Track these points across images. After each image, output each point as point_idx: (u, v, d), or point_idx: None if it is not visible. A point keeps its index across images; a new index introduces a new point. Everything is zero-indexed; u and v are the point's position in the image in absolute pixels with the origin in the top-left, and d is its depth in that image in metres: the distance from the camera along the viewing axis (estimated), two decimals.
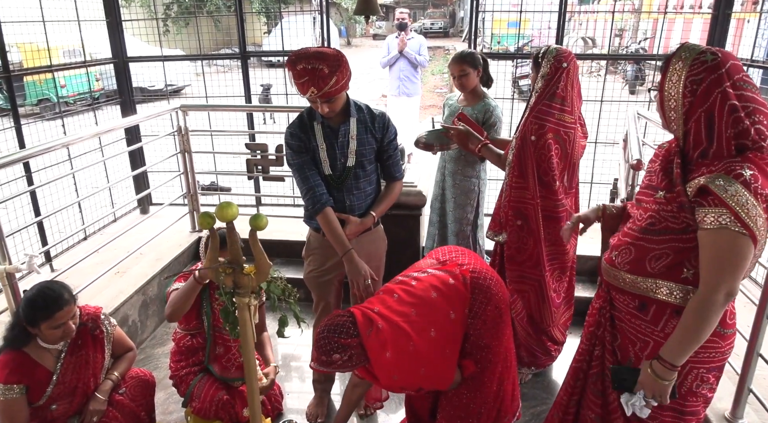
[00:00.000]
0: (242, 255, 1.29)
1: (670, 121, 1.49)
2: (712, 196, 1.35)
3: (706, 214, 1.37)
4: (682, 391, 1.58)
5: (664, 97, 1.47)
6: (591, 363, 1.79)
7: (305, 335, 2.78)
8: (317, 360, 1.78)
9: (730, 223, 1.33)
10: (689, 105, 1.43)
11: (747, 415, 2.18)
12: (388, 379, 1.81)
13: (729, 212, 1.33)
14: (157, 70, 4.59)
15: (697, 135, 1.43)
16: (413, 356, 1.80)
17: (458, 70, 2.98)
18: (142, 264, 3.43)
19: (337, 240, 2.16)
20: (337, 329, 1.75)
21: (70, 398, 2.07)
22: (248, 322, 1.33)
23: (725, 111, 1.38)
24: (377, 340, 1.76)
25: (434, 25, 30.25)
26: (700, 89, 1.40)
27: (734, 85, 1.38)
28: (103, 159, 3.78)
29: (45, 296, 1.90)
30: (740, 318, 2.37)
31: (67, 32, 3.95)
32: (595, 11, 11.49)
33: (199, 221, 1.25)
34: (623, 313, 1.65)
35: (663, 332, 1.55)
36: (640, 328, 1.61)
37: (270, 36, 8.52)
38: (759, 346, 2.07)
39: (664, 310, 1.54)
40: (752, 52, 3.67)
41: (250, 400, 1.46)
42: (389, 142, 2.28)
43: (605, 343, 1.72)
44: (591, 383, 1.79)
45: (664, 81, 1.46)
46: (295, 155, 2.18)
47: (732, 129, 1.38)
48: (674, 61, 1.44)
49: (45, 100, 7.71)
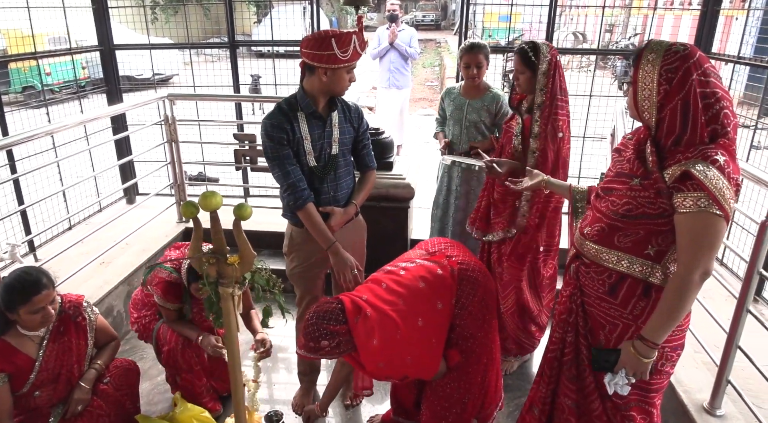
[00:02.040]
0: (226, 245, 1.29)
1: (642, 110, 1.55)
2: (693, 181, 1.42)
3: (684, 199, 1.43)
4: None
5: (638, 87, 1.52)
6: (564, 350, 1.84)
7: (290, 326, 2.78)
8: (305, 346, 1.78)
9: (708, 206, 1.40)
10: (665, 93, 1.48)
11: (725, 406, 2.22)
12: (374, 367, 1.82)
13: (708, 196, 1.40)
14: (144, 58, 4.54)
15: (672, 122, 1.48)
16: (400, 345, 1.81)
17: (476, 60, 2.93)
18: (127, 254, 3.40)
19: (321, 234, 2.16)
20: (326, 316, 1.76)
21: (53, 385, 2.06)
22: (232, 313, 1.32)
23: (699, 98, 1.45)
24: (365, 327, 1.77)
25: (426, 17, 30.11)
26: (676, 78, 1.45)
27: (704, 73, 1.45)
28: (89, 148, 3.74)
29: (22, 280, 1.89)
30: (720, 311, 2.43)
31: (54, 19, 3.89)
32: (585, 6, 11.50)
33: (183, 210, 1.25)
34: (593, 298, 1.72)
35: (631, 314, 1.64)
36: (609, 312, 1.68)
37: (260, 26, 8.43)
38: (738, 339, 2.10)
39: (633, 293, 1.62)
40: (739, 48, 3.70)
41: (233, 391, 1.46)
42: (363, 131, 2.32)
43: (578, 328, 1.78)
44: (566, 370, 1.84)
45: (637, 71, 1.51)
46: (276, 148, 2.10)
47: (705, 116, 1.45)
48: (646, 52, 1.50)
49: (30, 88, 7.59)
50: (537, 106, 2.42)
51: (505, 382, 2.74)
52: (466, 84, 3.07)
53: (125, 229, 3.52)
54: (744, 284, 2.07)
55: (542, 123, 2.42)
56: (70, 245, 3.14)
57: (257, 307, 2.54)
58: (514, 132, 2.57)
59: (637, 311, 1.63)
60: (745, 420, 2.18)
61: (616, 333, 1.68)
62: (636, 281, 1.61)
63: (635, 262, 1.60)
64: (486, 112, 3.02)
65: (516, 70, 2.48)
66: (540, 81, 2.40)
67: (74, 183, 3.44)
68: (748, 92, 4.86)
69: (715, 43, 3.97)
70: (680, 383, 2.36)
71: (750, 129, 3.56)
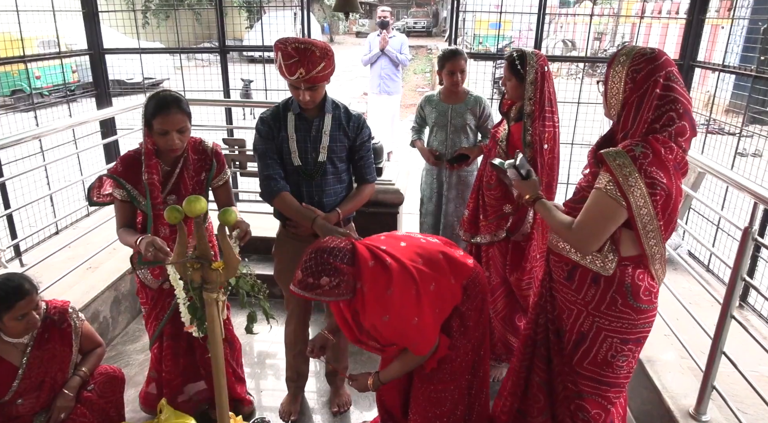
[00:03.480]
0: (211, 250, 1.28)
1: (611, 107, 1.68)
2: (605, 165, 1.56)
3: (600, 178, 1.60)
4: (597, 359, 1.76)
5: (608, 86, 1.66)
6: (537, 330, 1.94)
7: (277, 332, 2.77)
8: (301, 282, 1.67)
9: (609, 187, 1.55)
10: (629, 91, 1.61)
11: (710, 411, 2.23)
12: (377, 319, 1.73)
13: (612, 179, 1.54)
14: (135, 62, 4.52)
15: (626, 117, 1.62)
16: (412, 302, 1.76)
17: (459, 66, 2.99)
18: (114, 259, 3.38)
19: (300, 213, 2.15)
20: (333, 252, 1.68)
21: (36, 393, 2.03)
22: (216, 319, 1.32)
23: (655, 99, 1.57)
24: (383, 274, 1.71)
25: (417, 24, 30.29)
26: (638, 77, 1.58)
27: (666, 76, 1.57)
28: (77, 152, 3.71)
29: (4, 287, 1.87)
30: (706, 317, 2.44)
31: (44, 23, 3.87)
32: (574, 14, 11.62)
33: (167, 215, 1.24)
34: (557, 284, 1.84)
35: (583, 300, 1.74)
36: (567, 297, 1.79)
37: (252, 31, 8.44)
38: (722, 344, 2.12)
39: (584, 280, 1.73)
40: (723, 57, 3.75)
41: (217, 395, 1.45)
42: (362, 143, 2.28)
43: (547, 312, 1.90)
44: (537, 349, 1.94)
45: (609, 71, 1.65)
46: (261, 140, 2.19)
47: (651, 114, 1.57)
48: (619, 55, 1.64)
49: (19, 91, 7.52)
50: (527, 115, 2.43)
51: (492, 388, 2.74)
52: (448, 90, 3.12)
53: (112, 233, 3.47)
54: (728, 290, 2.09)
55: (533, 132, 2.42)
56: (57, 250, 3.11)
57: (242, 313, 2.49)
58: (499, 137, 2.58)
59: (588, 298, 1.72)
60: None
61: (572, 318, 1.78)
62: (586, 269, 1.72)
63: None
64: (471, 115, 3.07)
65: (504, 77, 2.52)
66: (528, 90, 2.41)
67: (62, 187, 3.41)
68: (733, 100, 4.93)
69: (702, 51, 4.03)
70: (666, 389, 2.38)
71: (735, 137, 3.60)
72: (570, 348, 1.82)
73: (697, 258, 3.89)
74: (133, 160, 2.07)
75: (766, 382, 2.36)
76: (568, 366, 1.84)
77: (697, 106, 4.20)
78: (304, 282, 1.65)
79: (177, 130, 1.96)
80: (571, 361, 1.82)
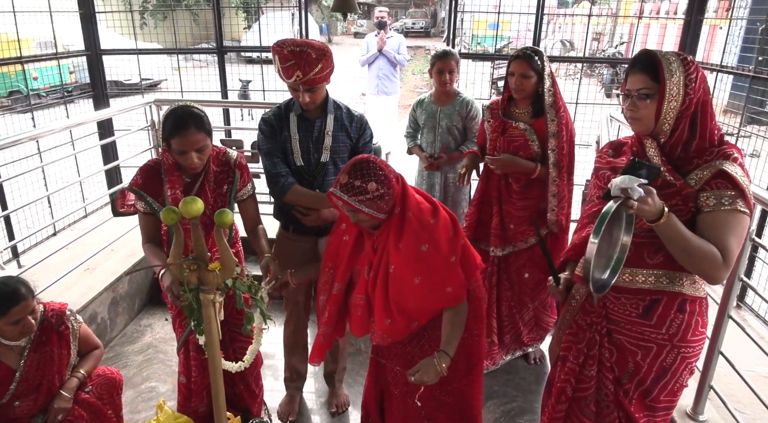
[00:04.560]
0: (208, 251, 1.28)
1: (664, 122, 1.49)
2: (724, 180, 1.42)
3: (719, 197, 1.42)
4: (674, 388, 1.63)
5: (665, 98, 1.45)
6: (581, 385, 1.72)
7: (275, 333, 2.77)
8: (346, 185, 1.57)
9: (739, 203, 1.41)
10: (688, 102, 1.46)
11: (708, 411, 2.24)
12: (413, 246, 1.63)
13: (738, 193, 1.41)
14: (133, 63, 4.52)
15: (682, 129, 1.48)
16: (451, 242, 1.69)
17: (448, 66, 3.00)
18: (112, 260, 3.37)
19: (318, 196, 2.15)
20: (386, 165, 1.64)
21: (34, 396, 2.03)
22: (213, 320, 1.31)
23: (709, 105, 1.47)
24: (428, 206, 1.68)
25: (416, 24, 30.30)
26: (696, 86, 1.45)
27: (705, 79, 1.48)
28: (74, 153, 3.70)
29: (0, 291, 1.86)
30: None
31: (42, 23, 3.86)
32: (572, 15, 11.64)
33: (163, 216, 1.24)
34: (622, 325, 1.63)
35: (668, 334, 1.56)
36: (643, 336, 1.60)
37: (249, 32, 8.42)
38: (720, 344, 2.12)
39: (669, 311, 1.56)
40: (722, 57, 3.76)
41: (214, 397, 1.45)
42: (364, 144, 2.29)
43: (603, 361, 1.67)
44: (583, 406, 1.72)
45: (664, 84, 1.44)
46: (265, 140, 2.19)
47: (712, 120, 1.48)
48: (666, 63, 1.44)
49: (16, 93, 7.50)
50: (549, 105, 2.48)
51: (491, 388, 2.75)
52: (438, 91, 3.14)
53: (111, 235, 3.49)
54: (725, 291, 2.10)
55: (559, 122, 2.50)
56: (55, 251, 3.10)
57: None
58: (528, 139, 2.55)
59: (673, 330, 1.56)
60: None
61: (650, 357, 1.60)
62: (671, 298, 1.56)
63: (674, 276, 1.54)
64: (458, 116, 3.09)
65: (518, 75, 2.47)
66: (547, 81, 2.47)
67: (59, 188, 3.41)
68: (731, 101, 4.93)
69: (700, 51, 4.04)
70: None
71: (733, 137, 3.61)
72: (647, 387, 1.63)
73: None
74: (153, 172, 2.03)
75: (763, 382, 2.37)
76: (632, 404, 1.65)
77: None
78: (350, 185, 1.56)
79: (196, 150, 1.91)
80: (645, 399, 1.65)
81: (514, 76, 2.49)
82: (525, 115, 2.58)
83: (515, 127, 2.58)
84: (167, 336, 3.23)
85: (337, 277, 1.87)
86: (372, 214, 1.61)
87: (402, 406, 1.96)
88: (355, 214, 1.63)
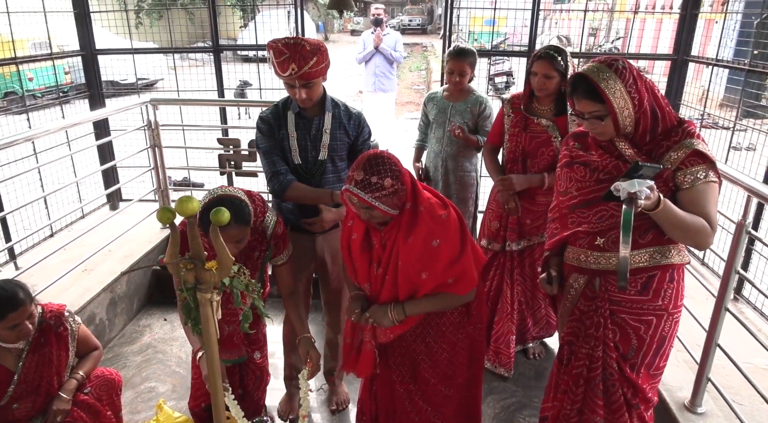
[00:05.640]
0: (204, 250, 1.28)
1: (623, 128, 1.62)
2: (697, 157, 1.56)
3: (702, 173, 1.56)
4: (668, 353, 1.78)
5: (617, 113, 1.57)
6: (591, 366, 1.81)
7: (274, 331, 2.77)
8: (362, 181, 1.56)
9: (711, 175, 1.56)
10: (639, 103, 1.59)
11: (706, 403, 2.25)
12: (422, 241, 1.64)
13: (708, 166, 1.56)
14: (128, 63, 4.50)
15: (645, 121, 1.61)
16: (461, 237, 1.72)
17: (459, 68, 2.93)
18: (110, 261, 3.37)
19: (316, 193, 2.17)
20: (398, 161, 1.64)
21: (33, 397, 2.02)
22: (210, 319, 1.32)
23: (657, 92, 1.62)
24: (438, 202, 1.70)
25: (412, 21, 30.25)
26: (638, 87, 1.58)
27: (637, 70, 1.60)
28: (70, 153, 3.69)
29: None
30: (699, 309, 2.46)
31: (36, 24, 3.85)
32: (569, 10, 11.63)
33: (159, 216, 1.24)
34: (623, 304, 1.74)
35: (663, 303, 1.71)
36: (643, 310, 1.72)
37: (246, 30, 8.41)
38: (717, 337, 2.13)
39: (663, 283, 1.70)
40: (717, 51, 3.76)
41: (213, 397, 1.45)
42: (363, 141, 2.29)
43: (607, 341, 1.78)
44: (593, 385, 1.82)
45: (610, 101, 1.56)
46: (263, 139, 2.19)
47: (665, 102, 1.63)
48: (604, 83, 1.56)
49: (11, 94, 7.49)
50: None
51: (490, 383, 2.76)
52: (450, 87, 3.09)
53: (108, 235, 3.48)
54: (722, 283, 2.10)
55: None
56: (52, 252, 3.10)
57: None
58: (552, 135, 2.51)
59: (667, 299, 1.71)
60: (725, 417, 2.21)
61: (651, 329, 1.73)
62: (664, 270, 1.69)
63: (665, 249, 1.68)
64: (470, 114, 3.04)
65: (541, 76, 2.41)
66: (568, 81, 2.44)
67: (56, 189, 3.40)
68: (727, 94, 4.94)
69: (695, 46, 4.03)
70: (661, 382, 2.37)
71: (729, 130, 3.61)
72: (650, 358, 1.77)
73: (692, 251, 3.90)
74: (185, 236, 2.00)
75: (760, 374, 2.38)
76: (639, 376, 1.79)
77: (692, 100, 4.20)
78: (366, 181, 1.56)
79: (234, 241, 1.84)
80: (649, 370, 1.79)
81: (536, 76, 2.43)
82: (548, 112, 2.53)
83: (537, 123, 2.53)
84: (166, 336, 3.23)
85: (359, 278, 1.89)
86: (387, 210, 1.62)
87: (408, 404, 1.96)
88: (369, 210, 1.63)
